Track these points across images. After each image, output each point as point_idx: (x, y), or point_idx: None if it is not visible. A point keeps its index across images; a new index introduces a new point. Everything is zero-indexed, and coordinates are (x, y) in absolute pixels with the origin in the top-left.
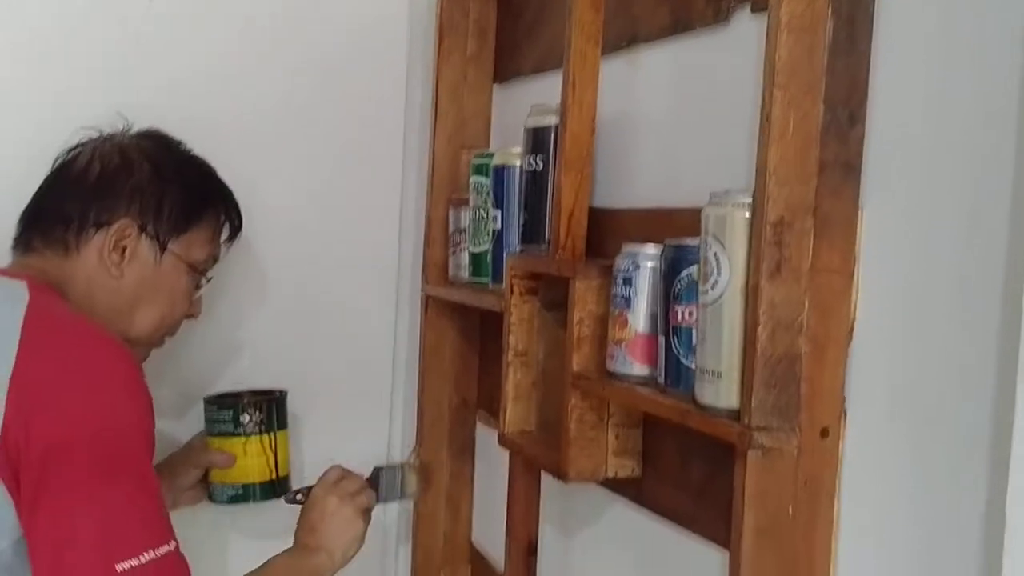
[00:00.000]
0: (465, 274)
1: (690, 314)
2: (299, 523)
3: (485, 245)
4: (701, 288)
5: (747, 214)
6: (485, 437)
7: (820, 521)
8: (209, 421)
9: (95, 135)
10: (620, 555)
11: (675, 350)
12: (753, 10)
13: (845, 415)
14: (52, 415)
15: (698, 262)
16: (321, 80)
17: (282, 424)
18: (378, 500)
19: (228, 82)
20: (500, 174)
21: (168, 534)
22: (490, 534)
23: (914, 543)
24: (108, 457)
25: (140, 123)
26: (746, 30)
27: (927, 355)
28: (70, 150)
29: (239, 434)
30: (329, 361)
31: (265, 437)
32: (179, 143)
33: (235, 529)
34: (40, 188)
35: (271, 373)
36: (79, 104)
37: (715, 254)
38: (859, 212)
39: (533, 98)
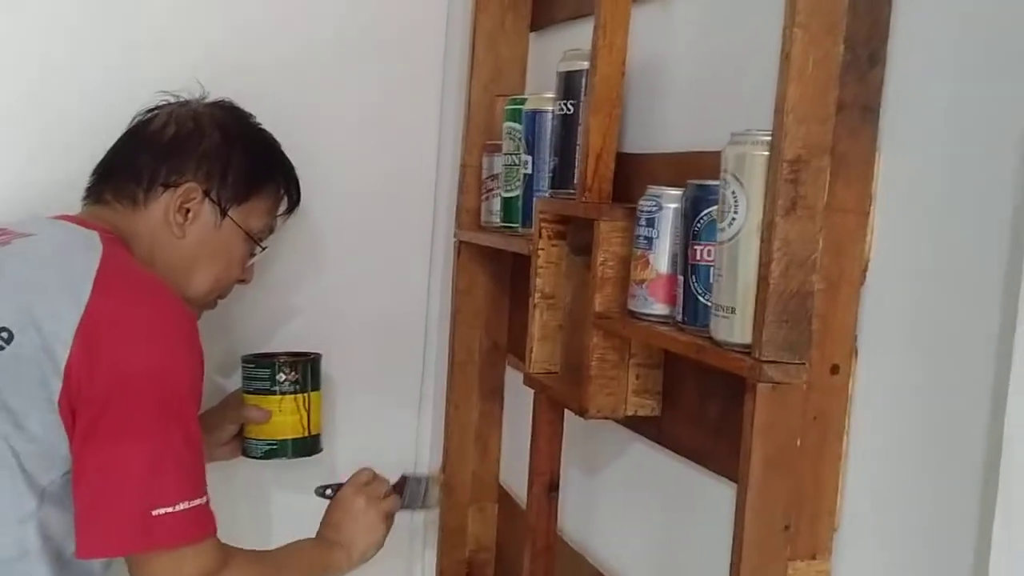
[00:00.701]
0: (497, 219)
1: (708, 253)
2: (325, 518)
3: (516, 190)
4: (719, 226)
5: (766, 152)
6: (514, 379)
7: (828, 455)
8: (247, 379)
9: (172, 99)
10: (639, 492)
11: (693, 288)
12: None
13: (856, 353)
14: (116, 358)
15: (716, 202)
16: (359, 33)
17: (316, 385)
18: (401, 507)
19: (265, 34)
20: (532, 119)
21: (203, 487)
22: (517, 474)
23: (921, 479)
24: (163, 403)
25: (179, 82)
26: None
27: (940, 297)
28: (148, 111)
29: (275, 392)
30: (366, 312)
31: (300, 396)
32: (249, 115)
33: (272, 484)
34: (116, 144)
35: (309, 330)
36: (131, 67)
37: (733, 192)
38: (876, 154)
39: (568, 45)
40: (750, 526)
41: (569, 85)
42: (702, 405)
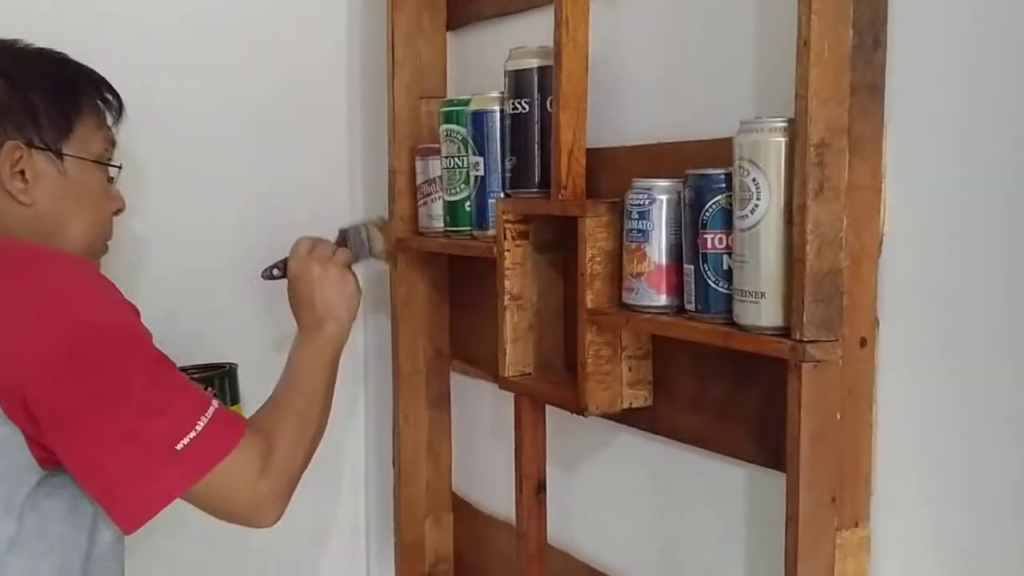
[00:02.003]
0: (440, 223)
1: (720, 241)
2: (293, 304)
3: (463, 192)
4: (738, 213)
5: (782, 138)
6: (460, 385)
7: (862, 424)
8: None
9: None
10: (635, 482)
11: (705, 276)
12: None
13: (878, 324)
14: (35, 335)
15: (724, 190)
16: (257, 36)
17: (235, 398)
18: (353, 260)
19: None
20: (479, 120)
21: (205, 397)
22: (471, 480)
23: (947, 440)
24: (112, 344)
25: None
26: None
27: (949, 264)
28: None
29: None
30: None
31: None
32: (16, 41)
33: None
34: None
35: (232, 343)
36: None
37: (754, 179)
38: (884, 131)
39: (492, 44)
40: (804, 502)
41: (520, 84)
42: (701, 389)
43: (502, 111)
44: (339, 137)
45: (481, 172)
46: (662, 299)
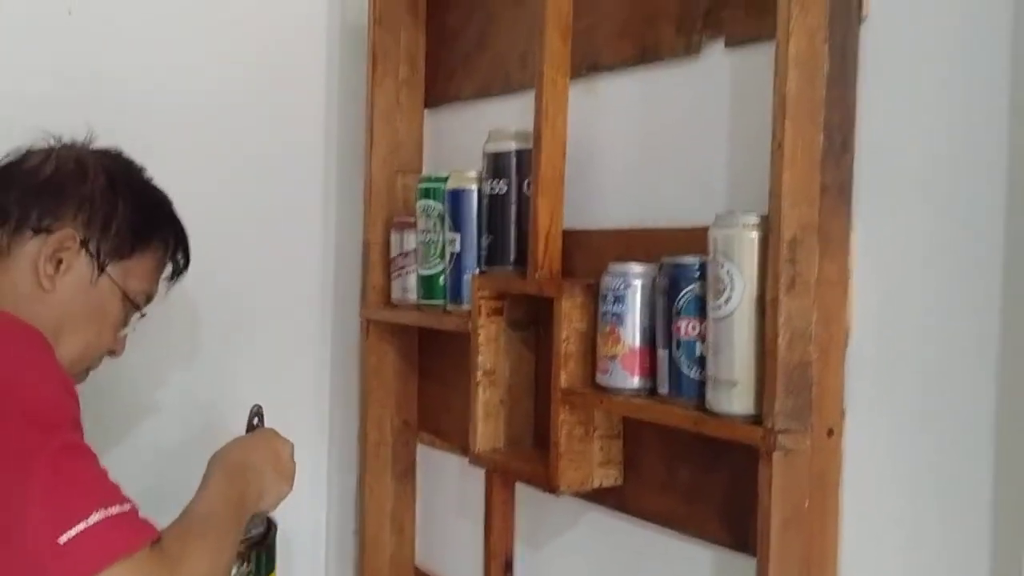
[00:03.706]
0: (413, 296)
1: (693, 328)
2: (236, 453)
3: (438, 267)
4: (713, 303)
5: (755, 233)
6: (426, 456)
7: (829, 511)
8: None
9: (53, 141)
10: (603, 561)
11: (678, 361)
12: (728, 44)
13: (845, 414)
14: None
15: (697, 279)
16: (239, 106)
17: (271, 567)
18: None
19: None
20: (457, 197)
21: (117, 495)
22: (435, 554)
23: (912, 530)
24: (28, 417)
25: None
26: (718, 63)
27: (914, 356)
28: (23, 149)
29: None
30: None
31: None
32: (140, 167)
33: None
34: None
35: (206, 417)
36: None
37: (728, 271)
38: (851, 228)
39: (469, 123)
40: None
41: (498, 165)
42: (669, 471)
43: (480, 190)
44: (314, 207)
45: (457, 248)
46: (635, 381)
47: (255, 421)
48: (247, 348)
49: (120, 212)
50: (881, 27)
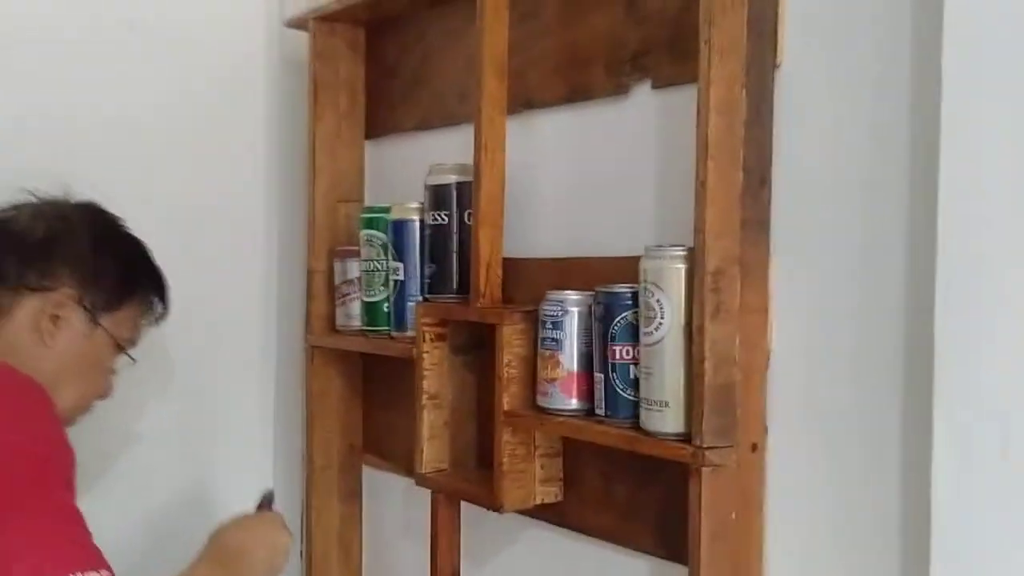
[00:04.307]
0: (357, 322)
1: (627, 352)
2: (234, 533)
3: (382, 294)
4: (644, 330)
5: (682, 264)
6: (372, 478)
7: (754, 522)
8: None
9: (32, 199)
10: (546, 574)
11: (615, 384)
12: (654, 86)
13: (767, 431)
14: None
15: (630, 307)
16: (182, 140)
17: None
18: None
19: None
20: (399, 228)
21: (98, 559)
22: (381, 575)
23: (830, 536)
24: (31, 477)
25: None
26: (645, 103)
27: (828, 375)
28: (7, 208)
29: None
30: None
31: None
32: (117, 218)
33: None
34: None
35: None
36: None
37: (658, 300)
38: (770, 259)
39: (409, 154)
40: None
41: (440, 197)
42: (607, 487)
43: (422, 221)
44: (256, 237)
45: (401, 276)
46: (573, 403)
47: (264, 503)
48: (192, 376)
49: (108, 267)
50: (794, 74)
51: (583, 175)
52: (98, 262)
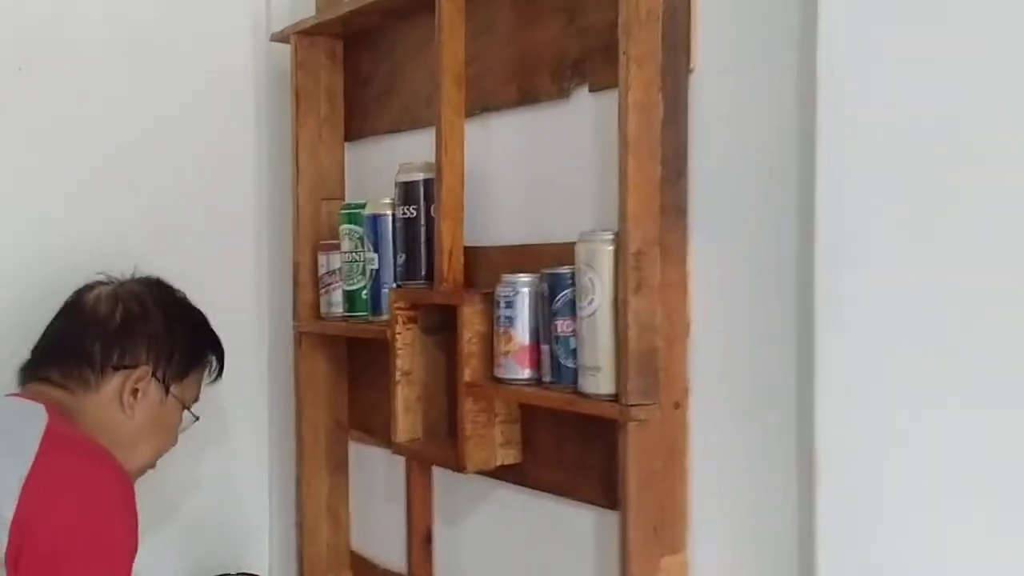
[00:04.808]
0: (339, 310)
1: (567, 326)
2: None
3: (360, 283)
4: (579, 305)
5: (611, 247)
6: (358, 451)
7: (678, 472)
8: None
9: (103, 278)
10: (509, 529)
11: (557, 354)
12: (591, 90)
13: (688, 391)
14: (61, 515)
15: (570, 286)
16: (177, 146)
17: None
18: None
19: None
20: (374, 222)
21: None
22: (368, 538)
23: (745, 481)
24: (106, 563)
25: None
26: (584, 105)
27: (742, 342)
28: (83, 290)
29: None
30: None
31: None
32: (179, 291)
33: None
34: (56, 324)
35: None
36: None
37: (590, 279)
38: (688, 242)
39: (384, 155)
40: (633, 534)
41: (408, 193)
42: (558, 448)
43: (394, 215)
44: (247, 233)
45: (376, 266)
46: (525, 373)
47: None
48: None
49: (179, 344)
50: (706, 77)
51: (533, 170)
52: (170, 340)
